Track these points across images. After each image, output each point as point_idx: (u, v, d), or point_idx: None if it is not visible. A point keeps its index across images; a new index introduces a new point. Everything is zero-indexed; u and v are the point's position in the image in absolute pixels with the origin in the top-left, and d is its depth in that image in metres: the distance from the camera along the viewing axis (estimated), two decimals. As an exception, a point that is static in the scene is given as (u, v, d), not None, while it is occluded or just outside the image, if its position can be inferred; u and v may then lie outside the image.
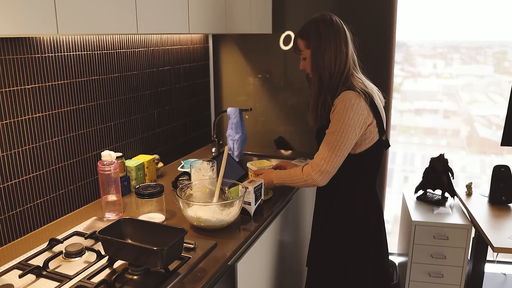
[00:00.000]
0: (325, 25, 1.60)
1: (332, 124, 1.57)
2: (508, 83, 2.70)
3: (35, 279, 1.23)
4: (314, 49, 1.61)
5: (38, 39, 1.49)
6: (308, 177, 1.59)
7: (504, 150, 2.85)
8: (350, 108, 1.52)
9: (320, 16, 1.63)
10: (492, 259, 2.83)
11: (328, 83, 1.60)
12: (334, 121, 1.55)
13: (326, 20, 1.61)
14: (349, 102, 1.53)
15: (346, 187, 1.66)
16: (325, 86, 1.61)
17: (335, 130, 1.54)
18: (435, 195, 2.51)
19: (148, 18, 1.49)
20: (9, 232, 1.46)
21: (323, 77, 1.60)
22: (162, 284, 1.19)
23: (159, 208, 1.60)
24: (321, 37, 1.59)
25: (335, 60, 1.58)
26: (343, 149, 1.54)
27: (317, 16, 1.64)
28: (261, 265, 1.69)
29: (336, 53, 1.59)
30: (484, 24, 2.54)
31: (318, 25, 1.61)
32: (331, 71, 1.59)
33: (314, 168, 1.58)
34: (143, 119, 2.11)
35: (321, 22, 1.61)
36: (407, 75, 2.87)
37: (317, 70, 1.61)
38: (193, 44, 2.51)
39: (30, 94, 1.48)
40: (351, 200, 1.68)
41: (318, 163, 1.57)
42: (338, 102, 1.55)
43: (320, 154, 1.58)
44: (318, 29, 1.60)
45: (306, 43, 1.64)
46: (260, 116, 2.81)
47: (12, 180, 1.45)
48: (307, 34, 1.63)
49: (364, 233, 1.69)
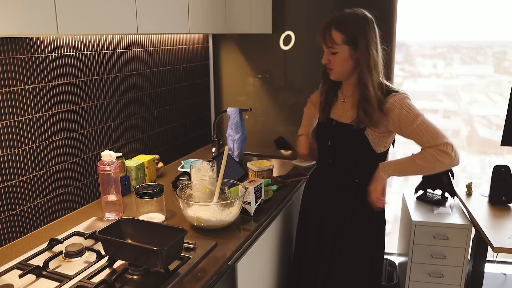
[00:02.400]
0: (369, 25, 1.51)
1: (410, 120, 1.50)
2: (508, 83, 2.70)
3: (35, 279, 1.23)
4: (363, 48, 1.50)
5: (38, 39, 1.49)
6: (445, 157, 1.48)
7: (504, 150, 2.85)
8: (408, 100, 1.52)
9: (364, 14, 1.52)
10: (492, 259, 2.83)
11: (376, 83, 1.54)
12: (409, 117, 1.50)
13: (370, 19, 1.52)
14: (405, 99, 1.52)
15: (367, 184, 1.64)
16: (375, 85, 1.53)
17: (420, 119, 1.49)
18: (435, 195, 2.51)
19: (148, 18, 1.49)
20: (9, 232, 1.46)
21: (373, 77, 1.53)
22: (162, 284, 1.19)
23: (159, 208, 1.60)
24: (368, 36, 1.50)
25: (378, 60, 1.54)
26: (435, 125, 1.49)
27: (359, 13, 1.53)
28: (261, 265, 1.69)
29: (379, 54, 1.54)
30: (484, 24, 2.54)
31: (363, 22, 1.51)
32: (377, 71, 1.54)
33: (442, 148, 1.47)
34: (143, 119, 2.11)
35: (365, 20, 1.51)
36: (407, 75, 2.87)
37: (367, 70, 1.52)
38: (193, 44, 2.51)
39: (30, 94, 1.48)
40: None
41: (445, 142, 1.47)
42: (394, 106, 1.52)
43: (435, 137, 1.48)
44: (363, 26, 1.50)
45: (345, 38, 1.50)
46: (260, 116, 2.81)
47: (12, 180, 1.45)
48: (349, 28, 1.50)
49: (383, 228, 1.75)
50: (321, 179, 1.80)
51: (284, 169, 2.32)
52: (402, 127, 1.53)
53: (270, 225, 1.72)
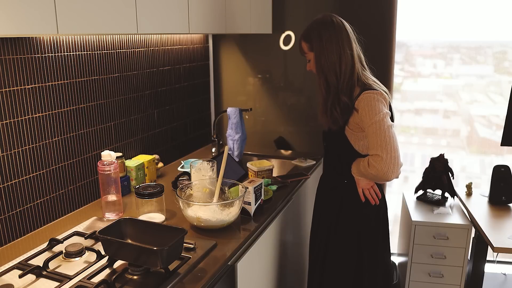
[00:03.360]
0: (325, 27, 1.59)
1: (368, 123, 1.52)
2: (508, 83, 2.70)
3: (35, 279, 1.23)
4: (317, 52, 1.61)
5: (38, 39, 1.49)
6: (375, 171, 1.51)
7: (504, 150, 2.85)
8: (376, 102, 1.52)
9: (321, 17, 1.63)
10: (492, 259, 2.83)
11: (336, 85, 1.59)
12: (368, 118, 1.52)
13: (327, 21, 1.60)
14: (373, 100, 1.53)
15: (355, 185, 1.69)
16: (332, 88, 1.60)
17: (376, 125, 1.50)
18: (435, 195, 2.51)
19: (148, 18, 1.49)
20: (9, 232, 1.46)
21: (329, 79, 1.59)
22: (162, 284, 1.19)
23: (159, 208, 1.60)
24: (322, 40, 1.58)
25: (340, 62, 1.57)
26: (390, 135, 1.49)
27: (318, 18, 1.63)
28: (261, 265, 1.69)
29: (340, 55, 1.57)
30: (484, 24, 2.54)
31: (319, 27, 1.60)
32: (336, 73, 1.58)
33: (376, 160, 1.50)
34: (143, 119, 2.11)
35: (321, 24, 1.60)
36: (407, 75, 2.87)
37: (322, 73, 1.61)
38: (193, 44, 2.51)
39: (30, 94, 1.48)
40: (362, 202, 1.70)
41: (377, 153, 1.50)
42: (361, 103, 1.54)
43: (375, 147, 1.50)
44: (319, 31, 1.59)
45: (309, 46, 1.64)
46: (260, 116, 2.81)
47: (12, 180, 1.45)
48: (309, 36, 1.63)
49: (375, 231, 1.73)
50: (322, 180, 1.87)
51: (284, 169, 2.32)
52: (364, 125, 1.55)
53: (270, 225, 1.72)
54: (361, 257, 1.72)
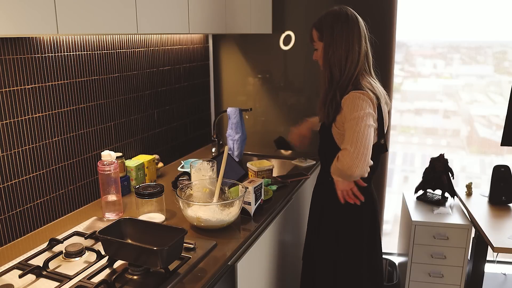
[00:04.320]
0: (339, 20, 1.57)
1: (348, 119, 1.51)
2: (508, 83, 2.70)
3: (35, 279, 1.23)
4: (326, 44, 1.59)
5: (38, 39, 1.49)
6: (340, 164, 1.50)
7: (504, 150, 2.85)
8: (360, 100, 1.51)
9: (337, 9, 1.60)
10: (492, 259, 2.83)
11: (338, 80, 1.58)
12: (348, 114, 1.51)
13: (342, 14, 1.58)
14: (358, 98, 1.51)
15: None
16: (335, 82, 1.59)
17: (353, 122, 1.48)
18: (435, 195, 2.51)
19: (148, 18, 1.49)
20: (9, 232, 1.46)
21: (333, 73, 1.59)
22: (162, 284, 1.19)
23: (159, 208, 1.60)
24: (334, 33, 1.57)
25: (346, 57, 1.56)
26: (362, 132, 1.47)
27: (334, 9, 1.61)
28: (261, 265, 1.69)
29: (348, 51, 1.56)
30: (484, 24, 2.54)
31: (332, 19, 1.58)
32: (341, 68, 1.57)
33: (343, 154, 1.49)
34: (143, 119, 2.11)
35: (336, 16, 1.58)
36: (407, 75, 2.87)
37: (328, 65, 1.60)
38: (193, 44, 2.51)
39: (30, 94, 1.48)
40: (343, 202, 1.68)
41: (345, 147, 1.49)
42: (346, 101, 1.53)
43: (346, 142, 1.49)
44: (332, 23, 1.57)
45: (319, 35, 1.62)
46: (260, 116, 2.81)
47: (12, 180, 1.45)
48: (321, 26, 1.61)
49: (357, 232, 1.71)
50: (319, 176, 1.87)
51: (284, 169, 2.32)
52: (344, 121, 1.54)
53: (270, 225, 1.72)
54: (340, 257, 1.71)
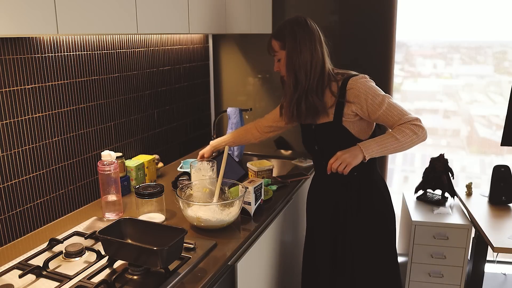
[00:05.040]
0: (299, 27, 1.62)
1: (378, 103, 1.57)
2: (508, 83, 2.70)
3: (35, 279, 1.23)
4: (289, 50, 1.62)
5: (38, 39, 1.49)
6: (420, 131, 1.58)
7: (504, 150, 2.85)
8: (371, 83, 1.62)
9: (295, 18, 1.65)
10: (492, 259, 2.83)
11: (304, 83, 1.62)
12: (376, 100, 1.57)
13: (301, 21, 1.63)
14: (367, 81, 1.61)
15: (367, 177, 1.72)
16: (300, 85, 1.63)
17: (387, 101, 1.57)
18: (435, 195, 2.51)
19: (148, 18, 1.49)
20: (9, 232, 1.46)
21: (298, 77, 1.62)
22: (162, 284, 1.19)
23: (159, 208, 1.60)
24: (297, 38, 1.60)
25: (311, 60, 1.60)
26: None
27: (291, 18, 1.66)
28: (261, 265, 1.69)
29: (312, 53, 1.60)
30: (484, 24, 2.54)
31: (293, 26, 1.62)
32: (306, 71, 1.61)
33: (415, 122, 1.57)
34: (143, 119, 2.11)
35: (295, 23, 1.63)
36: (407, 75, 2.87)
37: (292, 70, 1.63)
38: (193, 44, 2.51)
39: (30, 94, 1.48)
40: (378, 188, 1.75)
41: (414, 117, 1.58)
42: (355, 93, 1.59)
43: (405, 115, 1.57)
44: (293, 30, 1.62)
45: (281, 44, 1.65)
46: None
47: (12, 180, 1.45)
48: (282, 35, 1.64)
49: (393, 219, 1.80)
50: (324, 181, 1.81)
51: (284, 169, 2.32)
52: (370, 113, 1.59)
53: (270, 225, 1.72)
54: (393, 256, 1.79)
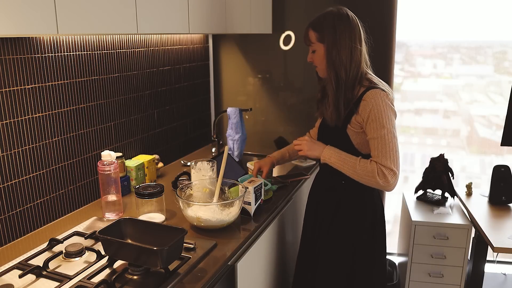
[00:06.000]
0: (341, 20, 1.54)
1: (376, 126, 1.51)
2: (508, 83, 2.70)
3: (35, 279, 1.23)
4: (329, 45, 1.54)
5: (38, 39, 1.49)
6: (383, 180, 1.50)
7: (504, 150, 2.85)
8: (387, 107, 1.51)
9: (337, 10, 1.57)
10: (492, 259, 2.83)
11: (345, 81, 1.55)
12: (377, 123, 1.50)
13: (343, 15, 1.55)
14: (384, 101, 1.51)
15: (354, 186, 1.63)
16: (341, 83, 1.55)
17: (386, 133, 1.50)
18: (435, 195, 2.51)
19: (148, 18, 1.49)
20: (9, 232, 1.46)
21: (339, 74, 1.54)
22: (162, 284, 1.19)
23: (159, 208, 1.60)
24: (337, 32, 1.53)
25: (351, 57, 1.53)
26: (397, 148, 1.52)
27: (333, 10, 1.57)
28: (261, 265, 1.69)
29: (351, 50, 1.53)
30: (484, 24, 2.54)
31: (334, 19, 1.54)
32: (346, 68, 1.54)
33: (385, 170, 1.49)
34: (143, 119, 2.11)
35: (337, 16, 1.55)
36: (407, 75, 2.87)
37: (333, 67, 1.55)
38: (193, 44, 2.51)
39: (30, 94, 1.48)
40: (361, 198, 1.66)
41: (392, 168, 1.50)
42: (368, 106, 1.51)
43: (387, 158, 1.49)
44: (333, 23, 1.53)
45: (318, 36, 1.57)
46: (260, 116, 2.81)
47: (12, 180, 1.45)
48: (321, 27, 1.56)
49: (372, 231, 1.69)
50: (317, 180, 1.81)
51: (284, 169, 2.32)
52: (367, 129, 1.53)
53: (270, 225, 1.72)
54: (355, 259, 1.68)
